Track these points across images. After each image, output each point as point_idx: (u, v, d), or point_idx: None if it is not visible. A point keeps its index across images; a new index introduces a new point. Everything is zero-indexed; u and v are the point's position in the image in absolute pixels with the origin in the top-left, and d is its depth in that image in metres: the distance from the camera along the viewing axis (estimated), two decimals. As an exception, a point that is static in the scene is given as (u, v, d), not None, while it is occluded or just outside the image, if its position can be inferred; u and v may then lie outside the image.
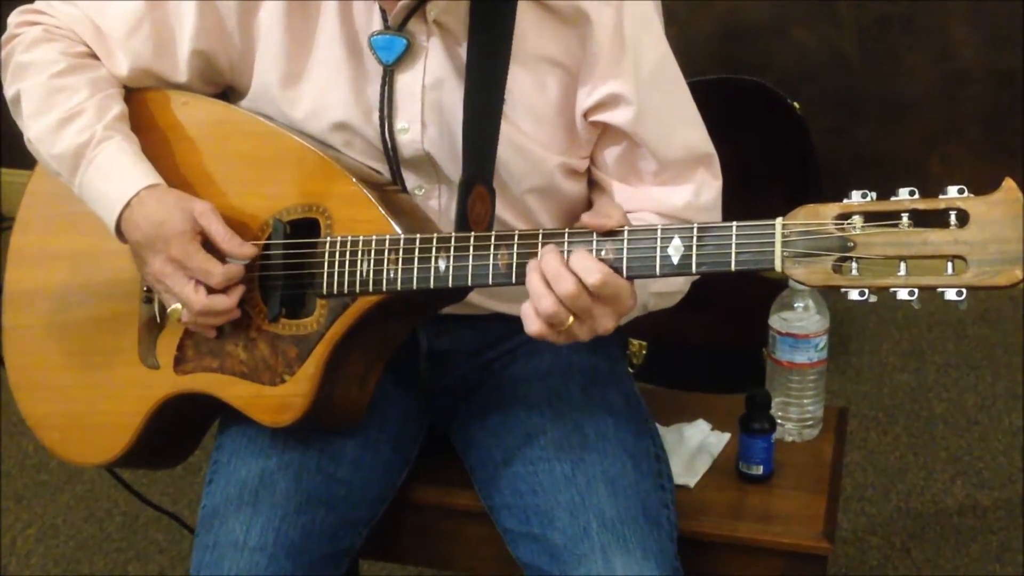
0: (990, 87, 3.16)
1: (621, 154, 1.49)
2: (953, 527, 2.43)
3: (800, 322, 1.73)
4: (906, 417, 2.79)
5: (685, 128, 1.50)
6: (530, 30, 1.42)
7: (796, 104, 2.69)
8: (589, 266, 1.24)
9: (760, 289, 1.82)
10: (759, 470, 1.66)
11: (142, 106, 1.53)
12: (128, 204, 1.43)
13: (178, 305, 1.43)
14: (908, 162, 3.26)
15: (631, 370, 2.67)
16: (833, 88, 3.22)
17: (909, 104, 3.21)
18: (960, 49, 3.14)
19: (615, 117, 1.45)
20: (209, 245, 1.42)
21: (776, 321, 1.75)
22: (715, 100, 1.52)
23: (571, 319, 1.26)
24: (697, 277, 1.33)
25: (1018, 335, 3.07)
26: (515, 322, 1.32)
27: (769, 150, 2.68)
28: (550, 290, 1.25)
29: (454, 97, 1.44)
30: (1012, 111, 3.13)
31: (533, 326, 1.27)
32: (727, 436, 1.75)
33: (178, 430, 1.59)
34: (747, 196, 1.60)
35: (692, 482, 1.67)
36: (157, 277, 1.44)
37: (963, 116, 3.20)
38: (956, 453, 2.66)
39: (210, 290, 1.41)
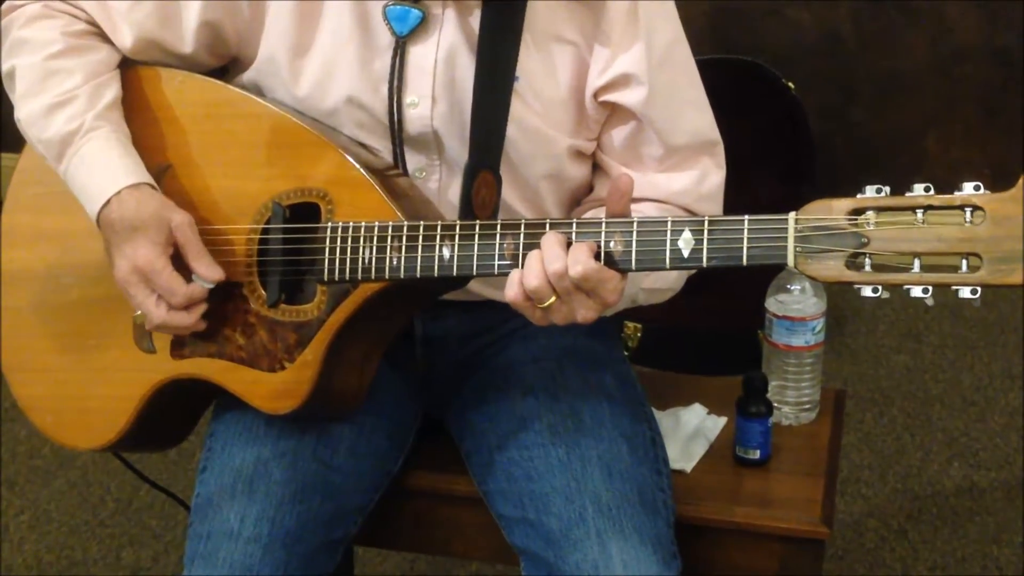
0: (987, 65, 3.14)
1: (628, 136, 1.48)
2: (950, 508, 2.43)
3: (797, 305, 1.72)
4: (903, 399, 2.78)
5: (693, 113, 1.49)
6: (543, 8, 1.41)
7: (790, 84, 2.67)
8: (578, 257, 1.24)
9: (756, 271, 1.81)
10: (756, 454, 1.66)
11: (137, 87, 1.51)
12: (108, 202, 1.41)
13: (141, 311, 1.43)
14: (904, 142, 3.24)
15: (625, 353, 2.66)
16: (828, 67, 3.20)
17: (905, 83, 3.20)
18: (957, 27, 3.13)
19: (625, 97, 1.44)
20: (180, 259, 1.41)
21: (773, 304, 1.73)
22: (709, 80, 1.51)
23: (552, 298, 1.26)
24: (694, 272, 1.32)
25: (1015, 316, 3.06)
26: (510, 307, 1.31)
27: (763, 131, 2.66)
28: (542, 267, 1.25)
29: (466, 73, 1.42)
30: (1009, 89, 3.12)
31: (511, 291, 1.28)
32: (724, 420, 1.74)
33: (174, 415, 1.58)
34: (741, 177, 1.58)
35: (689, 467, 1.66)
36: (122, 283, 1.42)
37: (960, 95, 3.18)
38: (953, 434, 2.65)
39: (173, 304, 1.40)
